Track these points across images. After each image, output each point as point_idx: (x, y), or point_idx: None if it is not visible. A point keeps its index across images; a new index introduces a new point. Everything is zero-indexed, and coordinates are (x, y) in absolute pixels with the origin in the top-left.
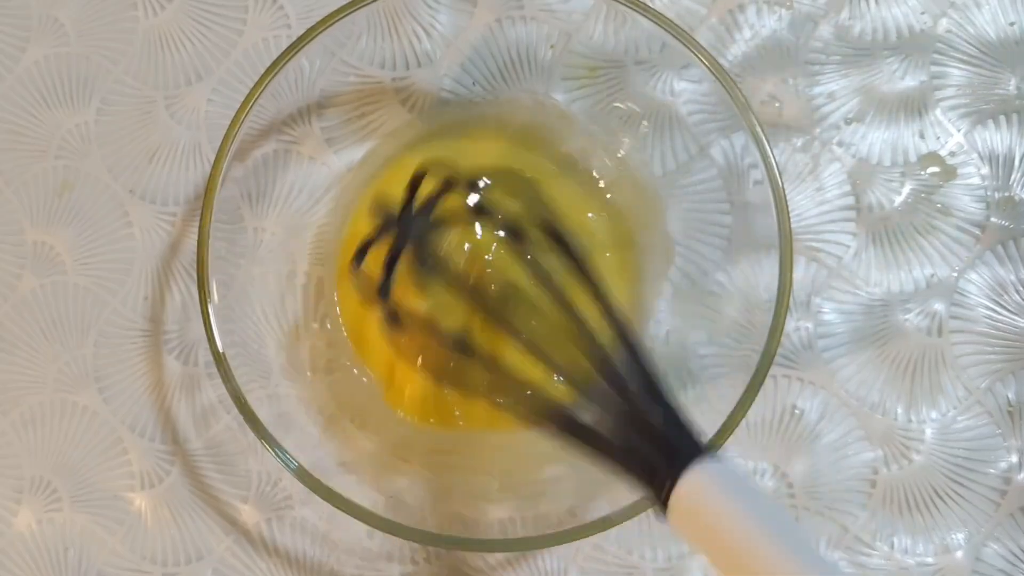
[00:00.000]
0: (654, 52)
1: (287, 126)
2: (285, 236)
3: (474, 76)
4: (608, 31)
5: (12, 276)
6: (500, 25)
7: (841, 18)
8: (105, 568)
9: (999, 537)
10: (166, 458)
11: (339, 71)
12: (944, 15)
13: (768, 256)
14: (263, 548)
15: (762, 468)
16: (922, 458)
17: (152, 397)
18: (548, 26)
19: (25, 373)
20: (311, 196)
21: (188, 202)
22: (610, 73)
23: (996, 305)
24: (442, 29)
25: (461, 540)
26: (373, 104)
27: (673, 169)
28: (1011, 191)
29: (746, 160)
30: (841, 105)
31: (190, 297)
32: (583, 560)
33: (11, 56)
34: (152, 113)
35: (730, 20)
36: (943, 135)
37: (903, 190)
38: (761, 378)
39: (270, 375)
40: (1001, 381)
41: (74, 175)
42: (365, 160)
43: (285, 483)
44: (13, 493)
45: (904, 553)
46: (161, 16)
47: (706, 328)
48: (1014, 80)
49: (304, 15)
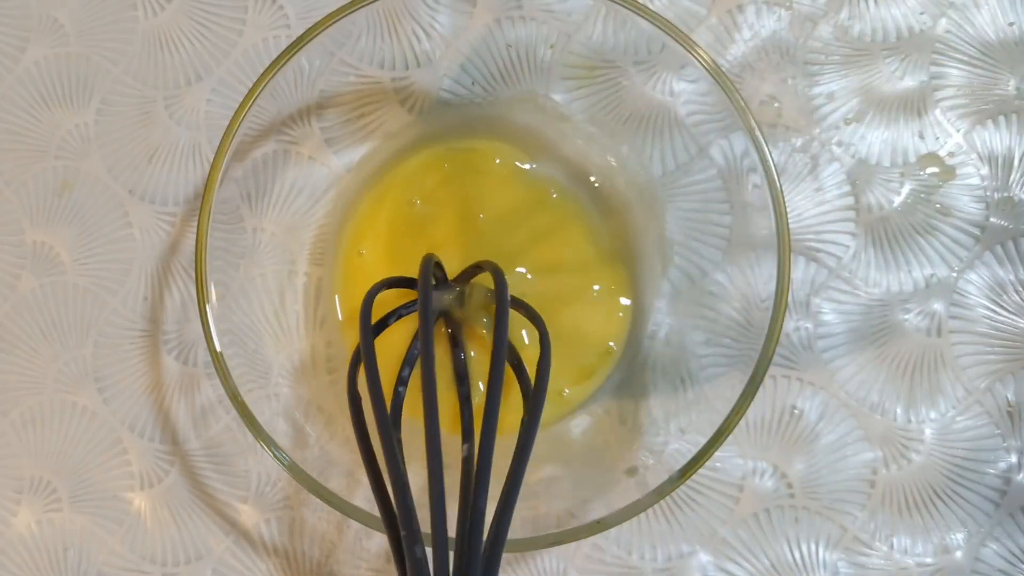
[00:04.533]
0: (653, 53)
1: (287, 126)
2: (284, 236)
3: (473, 76)
4: (607, 32)
5: (12, 276)
6: (499, 25)
7: (840, 18)
8: (105, 568)
9: (998, 537)
10: (165, 458)
11: (339, 71)
12: (943, 15)
13: (767, 256)
14: (262, 548)
15: (761, 468)
16: (921, 458)
17: (152, 397)
18: (547, 26)
19: (25, 373)
20: (311, 196)
21: (188, 202)
22: (609, 74)
23: (995, 305)
24: (442, 29)
25: None
26: (373, 104)
27: (673, 169)
28: (1010, 191)
29: (745, 161)
30: (840, 105)
31: (189, 297)
32: (582, 560)
33: (11, 56)
34: (152, 113)
35: (729, 20)
36: (942, 135)
37: (902, 190)
38: (760, 378)
39: (269, 375)
40: (1000, 381)
41: (74, 175)
42: (364, 160)
43: (284, 483)
44: (13, 493)
45: (903, 553)
46: (161, 16)
47: (705, 328)
48: (1013, 80)
49: (304, 15)
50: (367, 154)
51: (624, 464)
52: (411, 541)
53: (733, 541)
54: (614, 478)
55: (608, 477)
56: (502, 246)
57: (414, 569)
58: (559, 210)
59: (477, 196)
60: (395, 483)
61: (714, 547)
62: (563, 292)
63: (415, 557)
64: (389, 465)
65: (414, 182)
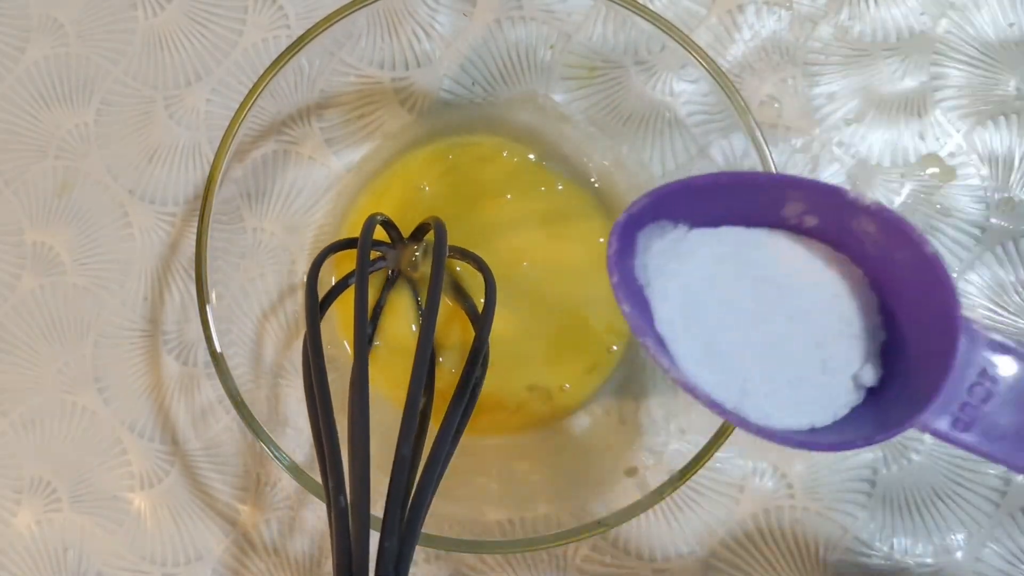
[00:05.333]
0: (653, 53)
1: (287, 126)
2: (284, 236)
3: (474, 77)
4: (607, 32)
5: (12, 276)
6: (499, 26)
7: (841, 19)
8: (104, 568)
9: (999, 537)
10: (165, 458)
11: (339, 71)
12: (943, 16)
13: None
14: (262, 548)
15: (761, 468)
16: (922, 458)
17: (152, 397)
18: (547, 27)
19: (25, 373)
20: (311, 196)
21: (187, 202)
22: (609, 74)
23: (996, 306)
24: (442, 29)
25: (460, 541)
26: (373, 104)
27: (673, 169)
28: (1011, 192)
29: (745, 161)
30: (841, 106)
31: (189, 297)
32: (582, 560)
33: (11, 56)
34: (152, 113)
35: (729, 21)
36: (943, 136)
37: (903, 191)
38: None
39: (268, 375)
40: None
41: (74, 175)
42: (364, 160)
43: (284, 483)
44: (13, 493)
45: (904, 553)
46: (161, 16)
47: None
48: (1013, 81)
49: (304, 15)
50: (367, 154)
51: (624, 464)
52: (336, 490)
53: (733, 541)
54: (614, 478)
55: (608, 477)
56: (507, 234)
57: (338, 516)
58: (566, 199)
59: (485, 184)
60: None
61: (714, 547)
62: (570, 290)
63: (340, 506)
64: (322, 415)
65: (417, 175)
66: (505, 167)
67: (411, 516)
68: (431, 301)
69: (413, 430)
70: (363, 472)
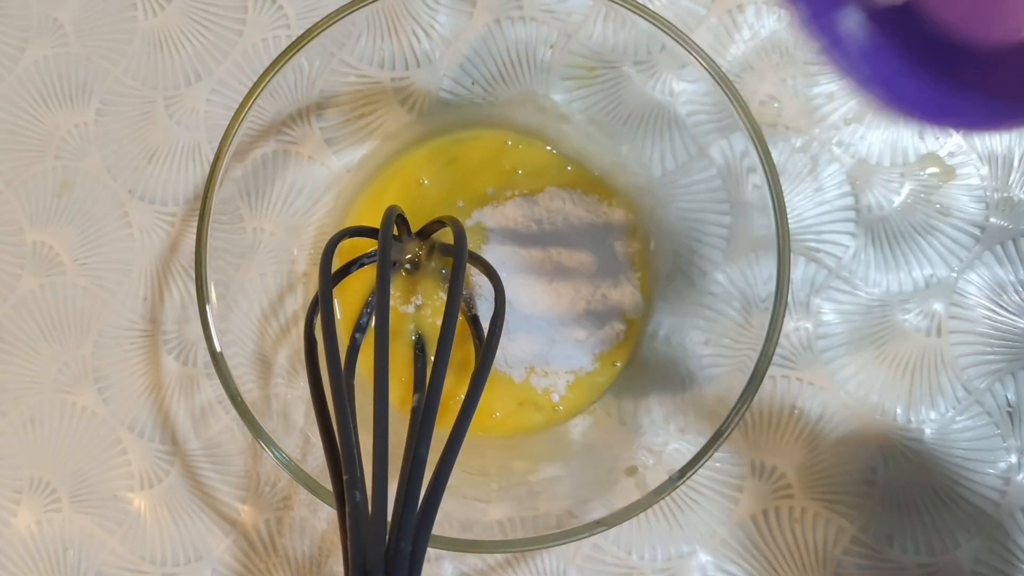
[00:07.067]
0: (653, 53)
1: (286, 126)
2: (284, 236)
3: (473, 76)
4: (607, 32)
5: (12, 276)
6: (499, 25)
7: None
8: (104, 568)
9: (998, 537)
10: (165, 458)
11: (338, 71)
12: None
13: (767, 256)
14: (262, 548)
15: (761, 468)
16: (921, 458)
17: (151, 397)
18: (547, 27)
19: (25, 373)
20: (310, 196)
21: (187, 202)
22: (609, 74)
23: (995, 305)
24: (441, 29)
25: (461, 541)
26: (372, 104)
27: (673, 169)
28: (1010, 191)
29: (745, 161)
30: (840, 105)
31: (189, 297)
32: (582, 560)
33: (11, 56)
34: (151, 113)
35: (729, 20)
36: (942, 135)
37: (902, 190)
38: (760, 378)
39: (268, 375)
40: (1000, 381)
41: (74, 175)
42: (364, 160)
43: (284, 483)
44: (12, 493)
45: (903, 553)
46: (160, 16)
47: (705, 328)
48: None
49: (303, 15)
50: (367, 154)
51: (624, 464)
52: (352, 485)
53: (733, 541)
54: (614, 478)
55: (608, 477)
56: None
57: (353, 513)
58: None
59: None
60: (341, 426)
61: (714, 547)
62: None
63: (354, 501)
64: (337, 408)
65: (416, 171)
66: (515, 149)
67: (424, 517)
68: (450, 305)
69: (432, 430)
70: (382, 467)
